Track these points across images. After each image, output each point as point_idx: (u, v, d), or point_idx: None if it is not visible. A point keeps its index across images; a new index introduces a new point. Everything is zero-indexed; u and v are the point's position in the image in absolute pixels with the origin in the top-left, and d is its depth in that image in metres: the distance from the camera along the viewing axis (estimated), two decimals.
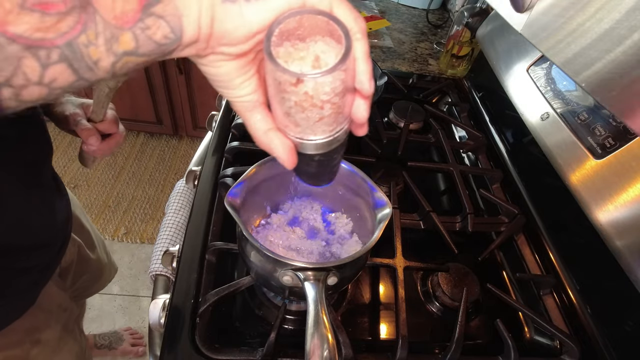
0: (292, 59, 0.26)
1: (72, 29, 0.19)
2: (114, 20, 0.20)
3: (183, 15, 0.22)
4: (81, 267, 0.75)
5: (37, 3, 0.18)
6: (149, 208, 1.69)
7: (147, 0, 0.21)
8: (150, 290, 0.59)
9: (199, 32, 0.23)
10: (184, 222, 0.66)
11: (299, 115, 0.28)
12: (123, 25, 0.21)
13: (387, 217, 0.43)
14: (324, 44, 0.27)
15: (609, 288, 0.52)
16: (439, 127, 0.79)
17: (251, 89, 0.28)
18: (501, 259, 0.65)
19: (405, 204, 0.65)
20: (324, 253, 0.49)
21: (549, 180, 0.63)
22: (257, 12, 0.24)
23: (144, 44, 0.22)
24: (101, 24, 0.20)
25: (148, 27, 0.22)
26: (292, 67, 0.26)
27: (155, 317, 0.48)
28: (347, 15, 0.26)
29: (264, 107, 0.29)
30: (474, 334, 0.55)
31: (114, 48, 0.21)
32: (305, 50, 0.27)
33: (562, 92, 0.64)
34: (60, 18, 0.19)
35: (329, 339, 0.33)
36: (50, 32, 0.19)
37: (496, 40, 0.82)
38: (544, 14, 0.38)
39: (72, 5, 0.19)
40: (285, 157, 0.30)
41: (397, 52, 1.07)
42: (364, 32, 0.27)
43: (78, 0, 0.19)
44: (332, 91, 0.26)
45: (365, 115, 0.30)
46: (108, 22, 0.20)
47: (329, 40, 0.27)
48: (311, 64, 0.26)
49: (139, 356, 1.29)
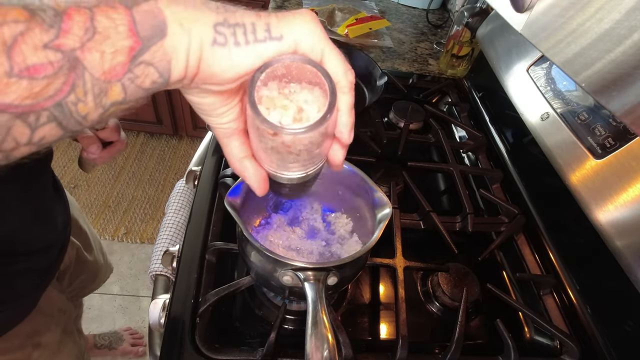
0: (275, 106, 0.26)
1: (60, 90, 0.19)
2: (103, 75, 0.20)
3: (172, 59, 0.22)
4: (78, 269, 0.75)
5: (25, 69, 0.18)
6: (149, 208, 1.69)
7: (135, 50, 0.21)
8: (150, 290, 0.59)
9: (186, 72, 0.23)
10: (184, 222, 0.66)
11: (274, 156, 0.28)
12: (111, 79, 0.21)
13: (387, 217, 0.43)
14: (309, 92, 0.27)
15: (609, 288, 0.52)
16: (439, 127, 0.79)
17: (232, 117, 0.28)
18: (501, 259, 0.65)
19: (405, 204, 0.65)
20: (324, 253, 0.49)
21: (549, 180, 0.63)
22: (246, 57, 0.24)
23: (133, 92, 0.22)
24: (90, 80, 0.20)
25: (137, 77, 0.21)
26: (273, 115, 0.26)
27: (155, 317, 0.48)
28: (337, 67, 0.26)
29: (243, 134, 0.30)
30: (474, 334, 0.55)
31: (103, 101, 0.21)
32: (288, 99, 0.26)
33: (562, 92, 0.64)
34: (49, 81, 0.18)
35: (329, 339, 0.33)
36: (39, 97, 0.19)
37: (496, 40, 0.82)
38: (544, 14, 0.38)
39: (59, 66, 0.19)
40: (257, 185, 0.31)
41: (397, 52, 1.07)
42: (351, 86, 0.27)
43: (66, 60, 0.19)
44: (310, 143, 0.26)
45: (341, 159, 0.31)
46: (97, 78, 0.20)
47: (314, 90, 0.27)
48: (293, 115, 0.26)
49: (139, 356, 1.29)
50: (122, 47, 0.20)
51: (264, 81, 0.26)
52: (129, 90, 0.22)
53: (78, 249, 0.73)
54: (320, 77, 0.26)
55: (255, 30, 0.23)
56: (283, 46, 0.24)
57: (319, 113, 0.26)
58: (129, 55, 0.20)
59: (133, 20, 0.20)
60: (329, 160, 0.31)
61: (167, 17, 0.21)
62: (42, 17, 0.18)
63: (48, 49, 0.18)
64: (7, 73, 0.17)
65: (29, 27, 0.18)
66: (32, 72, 0.18)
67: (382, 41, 1.09)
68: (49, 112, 0.19)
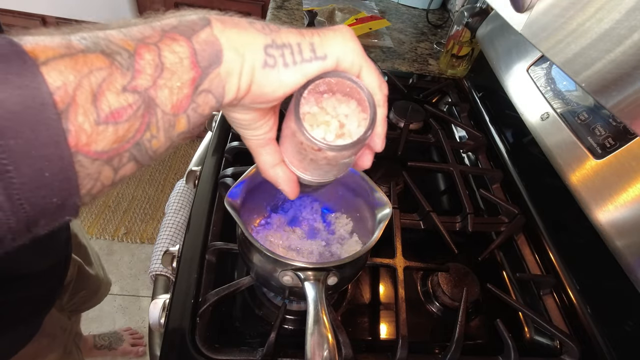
0: (317, 123, 0.27)
1: (138, 130, 0.20)
2: (172, 109, 0.21)
3: (226, 83, 0.23)
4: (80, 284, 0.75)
5: (110, 114, 0.18)
6: (149, 208, 1.69)
7: (197, 81, 0.21)
8: (150, 290, 0.59)
9: (237, 94, 0.24)
10: (184, 222, 0.66)
11: (310, 165, 0.29)
12: (179, 111, 0.21)
13: (387, 217, 0.43)
14: (347, 106, 0.28)
15: (609, 288, 0.52)
16: (439, 127, 0.79)
17: (268, 128, 0.29)
18: (501, 259, 0.65)
19: (405, 204, 0.65)
20: (324, 253, 0.49)
21: (549, 180, 0.63)
22: (293, 76, 0.24)
23: (195, 121, 0.23)
24: (161, 116, 0.21)
25: (199, 105, 0.22)
26: (317, 131, 0.27)
27: (155, 317, 0.48)
28: (373, 82, 0.27)
29: (274, 142, 0.31)
30: (474, 334, 0.55)
31: (171, 134, 0.22)
32: (329, 115, 0.28)
33: (562, 92, 0.64)
34: (130, 123, 0.19)
35: (329, 339, 0.33)
36: (123, 139, 0.19)
37: (496, 40, 0.82)
38: (544, 14, 0.38)
39: (137, 106, 0.19)
40: (289, 190, 0.32)
41: (397, 52, 1.07)
42: (385, 99, 0.28)
43: (142, 100, 0.19)
44: (349, 156, 0.28)
45: (370, 164, 0.33)
46: (167, 113, 0.21)
47: (351, 103, 0.28)
48: (335, 131, 0.27)
49: (139, 356, 1.29)
50: (187, 79, 0.21)
51: (306, 98, 0.27)
52: (192, 119, 0.22)
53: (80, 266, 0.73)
54: (357, 91, 0.27)
55: (301, 51, 0.24)
56: (327, 64, 0.25)
57: (359, 128, 0.27)
58: (192, 86, 0.21)
59: (194, 52, 0.21)
60: (358, 164, 0.33)
61: (222, 44, 0.22)
62: (119, 60, 0.18)
63: (127, 92, 0.19)
64: (96, 121, 0.17)
65: (110, 72, 0.18)
66: (116, 117, 0.18)
67: (382, 41, 1.09)
68: (129, 153, 0.20)
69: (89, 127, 0.17)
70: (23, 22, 1.51)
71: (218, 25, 0.22)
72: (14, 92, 0.15)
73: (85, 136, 0.17)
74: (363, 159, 0.32)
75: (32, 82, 0.15)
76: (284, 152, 0.31)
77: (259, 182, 0.47)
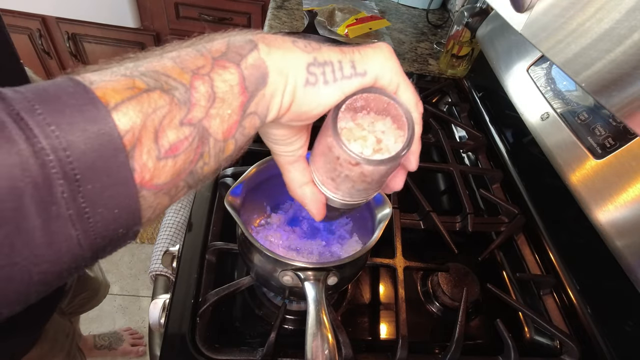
0: (354, 138, 0.27)
1: (192, 161, 0.20)
2: (222, 136, 0.21)
3: (270, 103, 0.23)
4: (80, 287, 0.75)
5: (169, 149, 0.19)
6: None
7: (244, 104, 0.22)
8: (150, 290, 0.59)
9: (278, 114, 0.24)
10: (184, 222, 0.66)
11: (343, 184, 0.29)
12: (228, 137, 0.22)
13: (387, 217, 0.43)
14: (383, 124, 0.28)
15: (609, 288, 0.52)
16: (439, 127, 0.79)
17: (300, 144, 0.29)
18: (501, 259, 0.65)
19: (405, 204, 0.65)
20: (324, 253, 0.49)
21: (549, 180, 0.63)
22: (332, 94, 0.25)
23: (241, 143, 0.23)
24: (213, 144, 0.21)
25: (245, 128, 0.23)
26: (354, 146, 0.27)
27: (155, 317, 0.48)
28: (410, 100, 0.27)
29: (304, 160, 0.30)
30: (474, 334, 0.55)
31: (220, 158, 0.22)
32: (366, 130, 0.27)
33: (562, 92, 0.64)
34: (186, 155, 0.20)
35: (329, 339, 0.33)
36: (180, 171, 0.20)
37: (496, 40, 0.82)
38: (544, 14, 0.38)
39: (192, 138, 0.20)
40: (316, 211, 0.32)
41: (397, 52, 1.07)
42: (420, 118, 0.28)
43: (196, 131, 0.20)
44: (386, 173, 0.27)
45: (401, 186, 0.32)
46: (218, 140, 0.21)
47: (387, 120, 0.28)
48: (372, 146, 0.27)
49: (139, 356, 1.29)
50: (236, 105, 0.21)
51: (343, 113, 0.27)
52: (239, 142, 0.23)
53: None
54: (393, 108, 0.27)
55: (342, 68, 0.25)
56: (366, 81, 0.25)
57: (396, 144, 0.27)
58: (240, 111, 0.22)
59: (243, 78, 0.21)
60: (389, 186, 0.32)
61: (269, 66, 0.22)
62: (177, 96, 0.19)
63: (184, 126, 0.19)
64: (157, 157, 0.18)
65: (170, 109, 0.19)
66: (174, 151, 0.19)
67: (382, 41, 1.09)
68: (184, 182, 0.21)
69: (152, 163, 0.18)
70: (23, 22, 1.51)
71: (264, 47, 0.23)
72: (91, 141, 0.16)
73: (149, 173, 0.18)
74: (396, 180, 0.32)
75: (105, 129, 0.16)
76: (316, 171, 0.30)
77: (259, 182, 0.47)
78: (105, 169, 0.16)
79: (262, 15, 1.46)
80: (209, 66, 0.21)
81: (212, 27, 1.50)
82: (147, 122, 0.18)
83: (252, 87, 0.22)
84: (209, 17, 1.48)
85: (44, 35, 1.56)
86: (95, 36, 1.57)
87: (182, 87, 0.19)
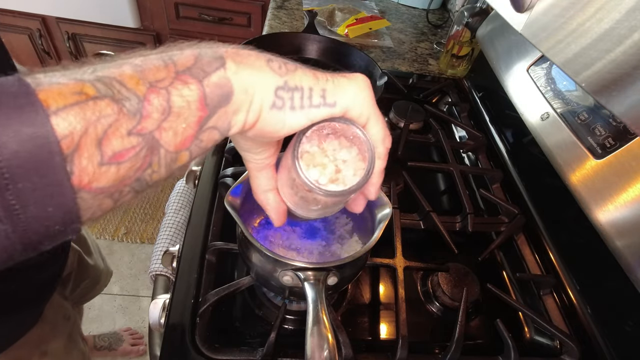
0: (314, 164, 0.27)
1: (139, 168, 0.21)
2: (175, 148, 0.22)
3: (232, 120, 0.23)
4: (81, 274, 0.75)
5: (112, 156, 0.19)
6: (149, 208, 1.69)
7: (203, 119, 0.22)
8: (150, 290, 0.59)
9: (242, 129, 0.24)
10: (184, 222, 0.66)
11: (301, 202, 0.29)
12: (181, 149, 0.22)
13: (387, 217, 0.43)
14: (347, 152, 0.28)
15: (609, 288, 0.52)
16: (439, 127, 0.79)
17: (268, 154, 0.30)
18: (501, 259, 0.65)
19: (405, 204, 0.65)
20: (324, 253, 0.49)
21: (549, 180, 0.63)
22: (298, 119, 0.25)
23: (197, 153, 0.23)
24: (164, 154, 0.21)
25: (202, 141, 0.23)
26: (312, 171, 0.27)
27: (155, 317, 0.48)
28: (377, 134, 0.27)
29: (272, 168, 0.31)
30: (474, 334, 0.55)
31: (172, 167, 0.23)
32: (328, 157, 0.28)
33: (562, 92, 0.64)
34: (132, 163, 0.20)
35: (329, 339, 0.33)
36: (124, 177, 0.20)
37: (496, 40, 0.82)
38: (544, 14, 0.38)
39: (140, 147, 0.20)
40: (276, 217, 0.33)
41: (397, 52, 1.07)
42: (386, 153, 0.28)
43: (145, 142, 0.20)
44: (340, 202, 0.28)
45: (361, 209, 0.33)
46: (170, 151, 0.22)
47: (352, 150, 0.28)
48: (330, 175, 0.27)
49: (139, 355, 1.29)
50: (193, 121, 0.22)
51: (309, 136, 0.27)
52: (194, 153, 0.23)
53: (79, 254, 0.73)
54: (362, 143, 0.27)
55: (311, 96, 0.25)
56: (334, 111, 0.25)
57: (354, 176, 0.27)
58: (197, 126, 0.22)
59: (204, 95, 0.22)
60: (350, 206, 0.33)
61: (234, 85, 0.23)
62: (127, 107, 0.19)
63: (131, 135, 0.19)
64: (99, 163, 0.19)
65: (117, 118, 0.19)
66: (118, 158, 0.19)
67: (382, 41, 1.09)
68: (129, 187, 0.21)
69: (92, 168, 0.18)
70: (23, 22, 1.51)
71: (232, 65, 0.23)
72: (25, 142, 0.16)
73: (88, 176, 0.18)
74: (356, 203, 0.33)
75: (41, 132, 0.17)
76: (279, 181, 0.31)
77: None
78: (38, 170, 0.17)
79: (262, 15, 1.46)
80: (169, 79, 0.21)
81: (212, 27, 1.50)
82: (90, 128, 0.18)
83: (214, 104, 0.22)
84: (209, 17, 1.48)
85: (44, 35, 1.56)
86: (95, 36, 1.57)
87: (134, 98, 0.19)
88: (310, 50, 0.87)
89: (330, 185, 0.27)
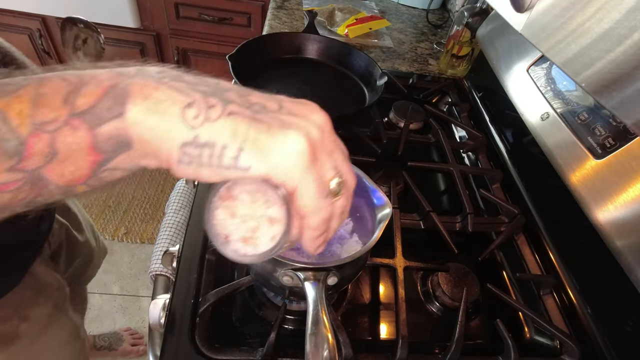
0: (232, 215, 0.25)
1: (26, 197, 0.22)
2: (66, 184, 0.22)
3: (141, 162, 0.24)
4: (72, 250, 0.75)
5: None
6: (149, 208, 1.69)
7: (97, 163, 0.22)
8: (150, 290, 0.59)
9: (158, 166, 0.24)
10: (184, 222, 0.66)
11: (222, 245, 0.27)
12: (75, 184, 0.23)
13: (387, 217, 0.43)
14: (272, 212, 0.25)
15: (609, 288, 0.52)
16: (439, 127, 0.79)
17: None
18: (501, 259, 0.65)
19: (405, 204, 0.65)
20: (324, 253, 0.49)
21: (549, 180, 0.63)
22: (210, 176, 0.23)
23: (100, 185, 0.24)
24: (55, 188, 0.22)
25: (102, 178, 0.23)
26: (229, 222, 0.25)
27: (155, 317, 0.48)
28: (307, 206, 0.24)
29: None
30: (474, 334, 0.55)
31: (69, 194, 0.23)
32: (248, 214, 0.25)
33: (562, 92, 0.64)
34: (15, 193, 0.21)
35: (329, 339, 0.33)
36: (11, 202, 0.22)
37: (496, 40, 0.82)
38: (544, 14, 0.38)
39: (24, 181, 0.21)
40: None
41: (397, 52, 1.07)
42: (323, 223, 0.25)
43: (29, 176, 0.21)
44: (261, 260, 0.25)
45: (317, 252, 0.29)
46: (61, 186, 0.22)
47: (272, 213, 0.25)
48: (244, 233, 0.25)
49: (139, 355, 1.29)
50: (83, 164, 0.22)
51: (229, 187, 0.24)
52: (96, 184, 0.23)
53: (67, 229, 0.73)
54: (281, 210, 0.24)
55: (222, 155, 0.22)
56: (247, 175, 0.23)
57: (271, 241, 0.24)
58: (91, 168, 0.22)
59: (94, 141, 0.21)
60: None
61: (133, 135, 0.22)
62: (5, 148, 0.20)
63: (12, 171, 0.20)
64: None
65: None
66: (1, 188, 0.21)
67: (382, 41, 1.09)
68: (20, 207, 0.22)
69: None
70: (23, 22, 1.51)
71: (134, 114, 0.21)
72: None
73: None
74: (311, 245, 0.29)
75: None
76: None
77: None
78: None
79: (262, 15, 1.46)
80: (58, 123, 0.21)
81: (212, 27, 1.50)
82: None
83: (109, 150, 0.22)
84: (209, 17, 1.48)
85: (44, 35, 1.56)
86: None
87: (14, 140, 0.20)
88: (310, 50, 0.87)
89: (238, 244, 0.25)
